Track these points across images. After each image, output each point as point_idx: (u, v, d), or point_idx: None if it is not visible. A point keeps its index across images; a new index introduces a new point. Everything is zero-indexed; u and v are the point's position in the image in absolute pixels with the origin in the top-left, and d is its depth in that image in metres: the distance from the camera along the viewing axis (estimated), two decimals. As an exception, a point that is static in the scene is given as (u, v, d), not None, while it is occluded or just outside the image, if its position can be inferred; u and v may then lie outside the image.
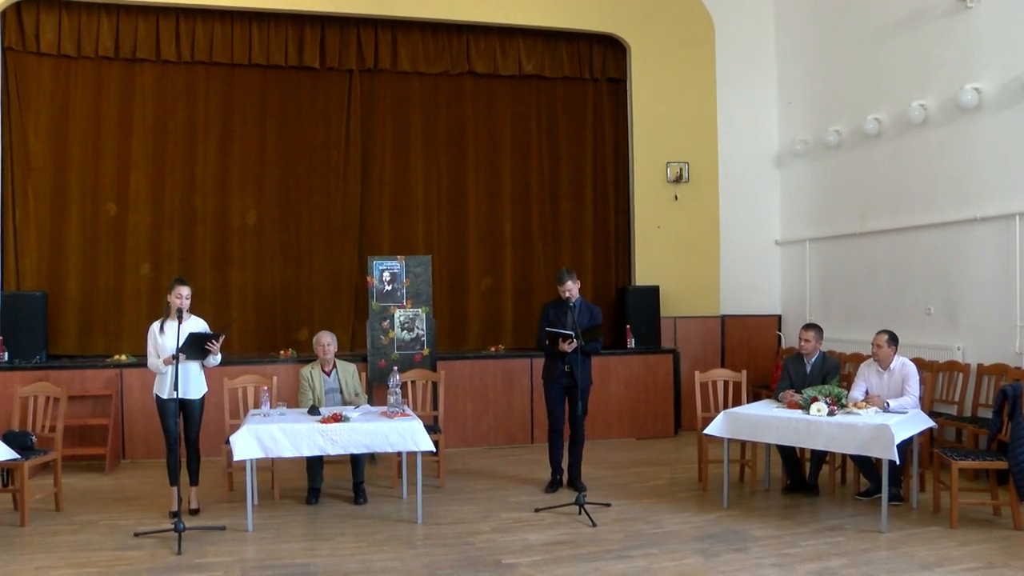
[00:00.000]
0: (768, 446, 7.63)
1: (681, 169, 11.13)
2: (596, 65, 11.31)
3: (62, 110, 10.05)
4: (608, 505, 7.15)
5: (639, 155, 11.19)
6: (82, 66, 10.08)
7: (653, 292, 10.81)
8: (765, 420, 6.88)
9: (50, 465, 7.39)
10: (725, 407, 7.74)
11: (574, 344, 7.37)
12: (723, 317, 11.32)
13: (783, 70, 11.45)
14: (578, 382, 7.45)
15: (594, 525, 6.61)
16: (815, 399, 6.79)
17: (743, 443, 7.83)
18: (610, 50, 11.32)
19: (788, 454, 7.48)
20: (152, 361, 6.93)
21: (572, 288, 7.56)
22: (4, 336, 9.34)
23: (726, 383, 8.13)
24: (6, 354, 9.30)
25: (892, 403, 6.93)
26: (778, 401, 7.36)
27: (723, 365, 10.66)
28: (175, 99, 10.32)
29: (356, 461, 7.42)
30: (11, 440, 6.76)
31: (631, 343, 10.57)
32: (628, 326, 10.62)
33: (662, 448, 9.87)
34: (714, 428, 7.11)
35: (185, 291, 6.84)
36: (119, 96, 10.18)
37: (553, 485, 7.81)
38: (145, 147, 10.21)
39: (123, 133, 10.17)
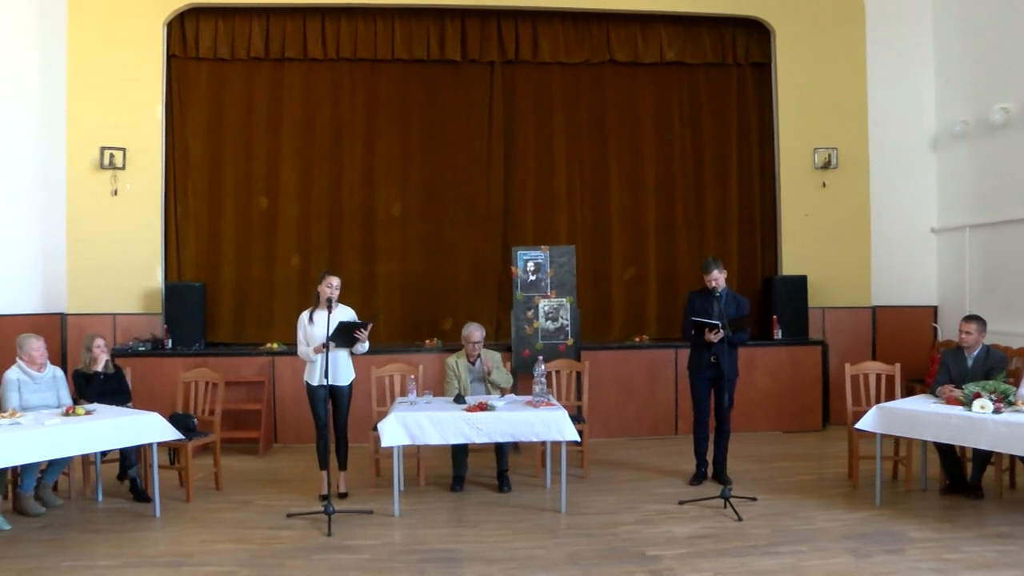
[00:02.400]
0: (924, 443, 7.29)
1: (829, 155, 10.77)
2: (740, 50, 11.05)
3: (217, 110, 10.60)
4: (754, 499, 7.02)
5: (785, 141, 10.89)
6: (235, 68, 10.61)
7: (800, 282, 10.52)
8: (922, 416, 6.57)
9: (210, 446, 7.83)
10: (877, 401, 7.45)
11: (720, 334, 7.25)
12: (874, 308, 10.90)
13: (941, 45, 10.85)
14: (724, 373, 7.33)
15: (740, 519, 6.51)
16: (978, 395, 6.42)
17: (896, 439, 7.46)
18: (754, 34, 11.04)
19: (947, 453, 7.11)
20: (302, 349, 7.22)
21: (718, 277, 7.45)
22: (168, 324, 9.92)
23: (878, 376, 7.84)
24: (170, 341, 9.86)
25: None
26: (935, 396, 7.04)
27: (874, 358, 10.24)
28: (322, 96, 10.71)
29: (500, 449, 7.53)
30: (176, 422, 7.17)
31: (778, 334, 10.32)
32: (775, 317, 10.37)
33: (809, 442, 9.61)
34: (866, 423, 6.86)
35: (335, 281, 7.08)
36: (269, 95, 10.66)
37: (698, 477, 7.73)
38: (294, 143, 10.64)
39: (273, 130, 10.64)
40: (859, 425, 6.94)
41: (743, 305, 7.65)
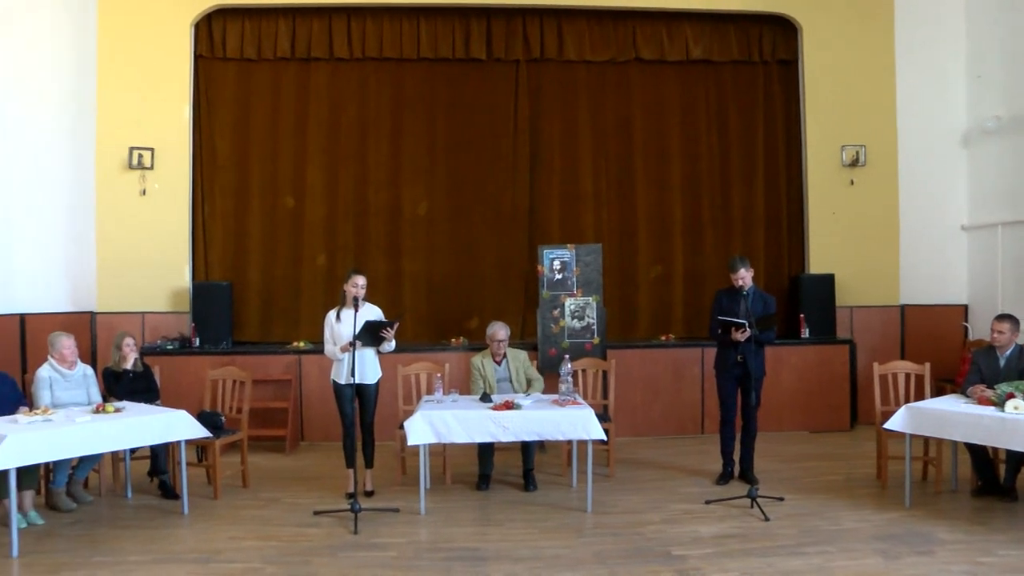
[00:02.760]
0: (954, 444, 7.21)
1: (857, 152, 10.67)
2: (766, 47, 10.97)
3: (244, 110, 10.68)
4: (781, 499, 6.96)
5: (812, 139, 10.81)
6: (261, 68, 10.69)
7: (828, 280, 10.44)
8: (952, 416, 6.49)
9: (237, 444, 7.87)
10: (906, 401, 7.38)
11: (747, 333, 7.21)
12: (903, 307, 10.80)
13: (973, 40, 10.65)
14: (751, 372, 7.29)
15: (767, 519, 6.47)
16: (1011, 395, 6.31)
17: (926, 440, 7.39)
18: (780, 31, 10.96)
19: (979, 454, 7.01)
20: (329, 348, 7.25)
21: (745, 276, 7.42)
22: (195, 323, 10.00)
23: (907, 376, 7.76)
24: (197, 339, 9.94)
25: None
26: (966, 396, 6.95)
27: (903, 357, 10.13)
28: (348, 95, 10.77)
29: (526, 448, 7.52)
30: (204, 419, 7.23)
31: (805, 333, 10.25)
32: (801, 315, 10.30)
33: (837, 442, 9.53)
34: (895, 423, 6.79)
35: (361, 280, 7.09)
36: (295, 95, 10.73)
37: (724, 477, 7.70)
38: (320, 142, 10.71)
39: (299, 130, 10.71)
40: (888, 425, 6.88)
41: (770, 303, 7.60)
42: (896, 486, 7.16)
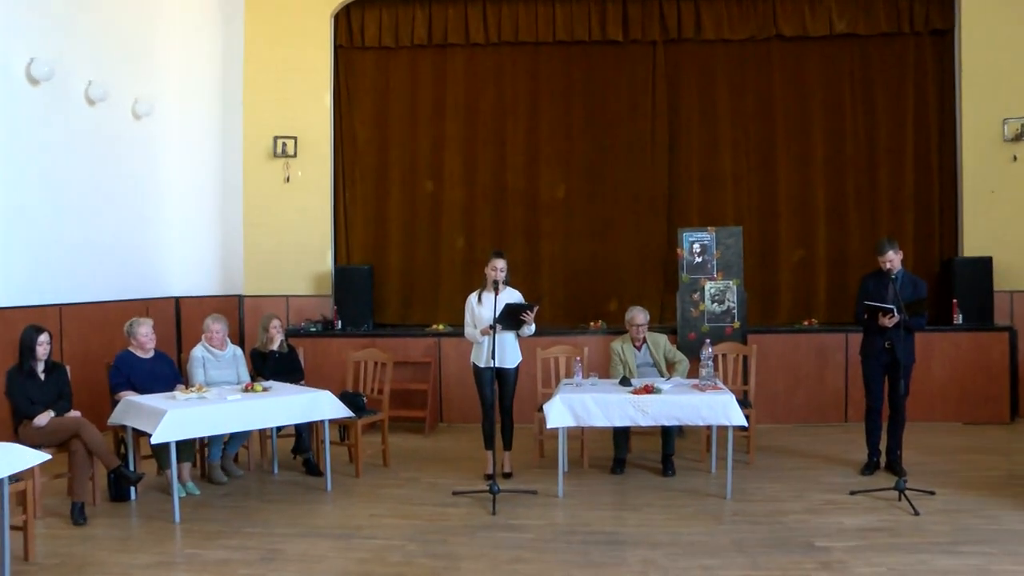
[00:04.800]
0: None
1: (1021, 126, 10.01)
2: (917, 17, 10.38)
3: (383, 97, 10.92)
4: (932, 493, 6.61)
5: (969, 113, 10.20)
6: (399, 56, 10.89)
7: (985, 264, 9.86)
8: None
9: (378, 424, 8.04)
10: (1074, 392, 6.92)
11: (895, 319, 6.90)
12: (1070, 291, 10.12)
13: None
14: (899, 359, 6.96)
15: (916, 513, 6.15)
16: None
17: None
18: (934, -1, 10.40)
19: None
20: (469, 331, 7.31)
21: (893, 259, 7.10)
22: (337, 306, 10.28)
23: (1075, 365, 7.28)
24: (339, 322, 10.22)
25: None
26: None
27: (1070, 344, 9.52)
28: (484, 80, 10.85)
29: (667, 433, 7.41)
30: (346, 400, 7.42)
31: (958, 319, 9.72)
32: (954, 300, 9.77)
33: (994, 435, 9.02)
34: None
35: (500, 263, 7.12)
36: (433, 81, 10.88)
37: (869, 467, 7.42)
38: (458, 127, 10.83)
39: (437, 115, 10.85)
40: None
41: (920, 288, 7.27)
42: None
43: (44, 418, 6.26)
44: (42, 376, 6.45)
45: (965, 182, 10.25)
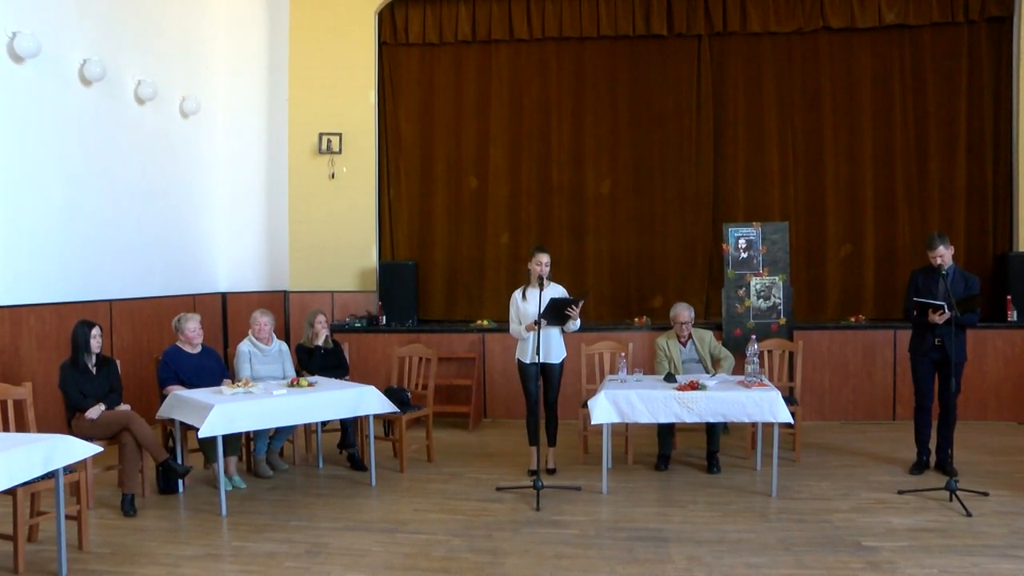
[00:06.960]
0: None
1: (1081, 117, 9.76)
2: (973, 5, 10.12)
3: (427, 94, 10.94)
4: (985, 494, 6.47)
5: (1027, 104, 9.98)
6: (444, 52, 10.90)
7: (1040, 259, 9.66)
8: None
9: (422, 420, 8.09)
10: None
11: (946, 315, 6.77)
12: None
13: None
14: (950, 357, 6.82)
15: (969, 515, 6.03)
16: None
17: None
18: (992, -16, 10.15)
19: None
20: (514, 327, 7.30)
21: (944, 254, 6.96)
22: (382, 302, 10.34)
23: None
24: (384, 317, 10.28)
25: None
26: None
27: None
28: (529, 76, 10.83)
29: (712, 430, 7.37)
30: (390, 395, 7.44)
31: (1012, 316, 9.52)
32: (1008, 297, 9.56)
33: (1051, 435, 8.83)
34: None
35: (545, 258, 7.09)
36: (477, 77, 10.89)
37: (919, 466, 7.29)
38: (502, 123, 10.83)
39: (482, 111, 10.86)
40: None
41: (972, 283, 7.12)
42: None
43: (96, 411, 6.40)
44: (93, 370, 6.59)
45: (1022, 175, 10.02)
